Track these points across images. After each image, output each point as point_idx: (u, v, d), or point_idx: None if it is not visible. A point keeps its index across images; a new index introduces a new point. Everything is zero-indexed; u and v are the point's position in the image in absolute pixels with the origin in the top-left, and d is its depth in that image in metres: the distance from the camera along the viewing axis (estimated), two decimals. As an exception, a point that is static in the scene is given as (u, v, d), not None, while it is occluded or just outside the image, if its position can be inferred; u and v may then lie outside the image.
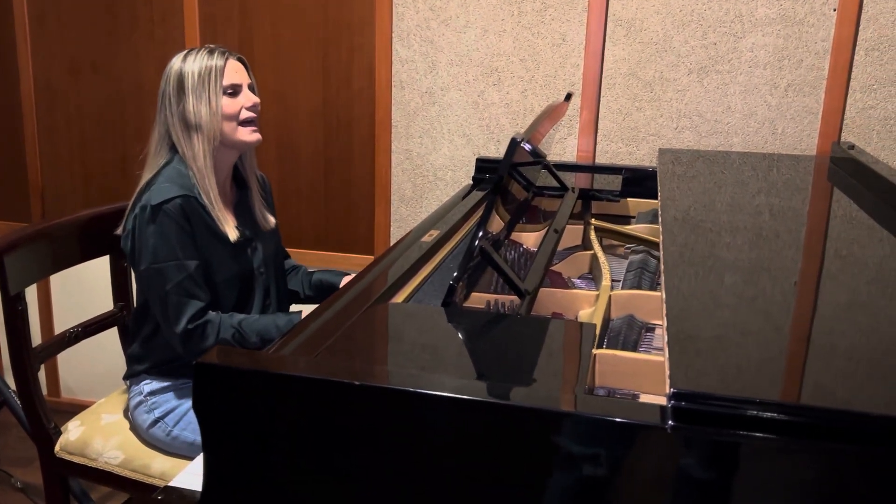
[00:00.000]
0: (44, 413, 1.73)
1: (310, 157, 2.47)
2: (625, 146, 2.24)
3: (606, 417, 0.81)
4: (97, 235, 1.86)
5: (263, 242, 1.81)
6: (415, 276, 1.42)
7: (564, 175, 2.03)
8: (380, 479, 0.89)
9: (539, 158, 1.80)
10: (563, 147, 2.29)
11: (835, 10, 2.04)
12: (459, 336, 1.10)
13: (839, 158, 1.94)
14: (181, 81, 1.64)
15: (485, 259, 1.21)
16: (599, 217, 1.96)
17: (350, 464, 0.90)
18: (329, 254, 2.51)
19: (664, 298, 1.02)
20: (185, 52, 1.67)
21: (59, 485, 1.76)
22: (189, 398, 1.70)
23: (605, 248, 1.75)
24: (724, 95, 2.14)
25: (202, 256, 1.65)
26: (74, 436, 1.74)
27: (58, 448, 1.74)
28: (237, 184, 1.82)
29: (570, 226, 1.80)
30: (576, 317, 1.41)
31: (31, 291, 2.76)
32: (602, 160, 2.27)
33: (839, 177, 1.82)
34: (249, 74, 1.72)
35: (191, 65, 1.64)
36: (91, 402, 1.95)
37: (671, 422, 0.78)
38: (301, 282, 1.94)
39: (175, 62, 1.67)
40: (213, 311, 1.65)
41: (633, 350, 1.23)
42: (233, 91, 1.67)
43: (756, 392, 0.79)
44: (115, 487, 1.76)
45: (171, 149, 1.69)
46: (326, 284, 1.92)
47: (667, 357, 0.87)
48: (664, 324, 0.96)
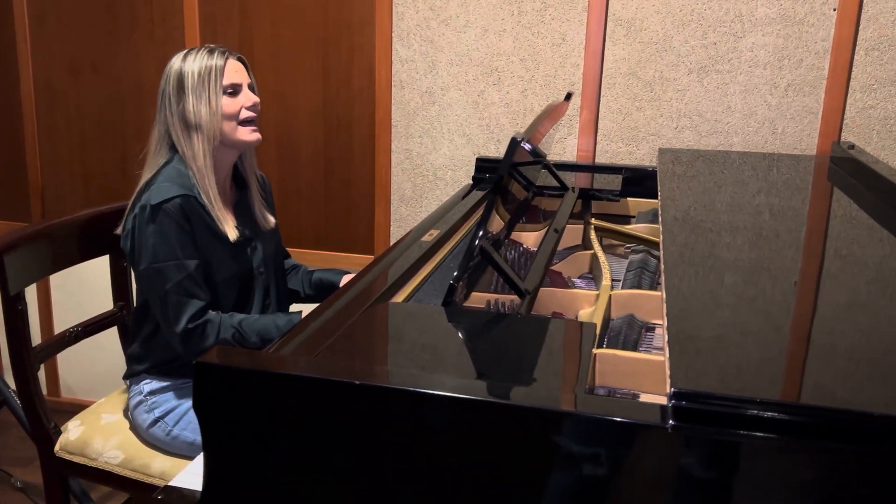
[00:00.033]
0: (44, 413, 1.73)
1: (310, 157, 2.47)
2: (625, 146, 2.24)
3: (607, 417, 0.81)
4: (97, 235, 1.86)
5: (263, 242, 1.80)
6: (415, 276, 1.42)
7: (564, 175, 2.03)
8: (380, 479, 0.89)
9: (539, 158, 1.80)
10: (563, 147, 2.29)
11: (835, 10, 2.04)
12: (460, 336, 1.10)
13: (839, 158, 1.94)
14: (181, 81, 1.64)
15: (485, 258, 1.21)
16: (599, 217, 1.96)
17: (350, 463, 0.90)
18: (329, 253, 2.51)
19: (664, 298, 1.02)
20: (185, 52, 1.67)
21: (59, 484, 1.76)
22: (189, 398, 1.70)
23: (605, 248, 1.75)
24: (724, 95, 2.15)
25: (202, 256, 1.65)
26: (74, 435, 1.74)
27: (58, 448, 1.74)
28: (237, 183, 1.82)
29: (570, 225, 1.80)
30: (576, 316, 1.41)
31: (31, 291, 2.76)
32: (602, 160, 2.27)
33: (839, 176, 1.82)
34: (249, 74, 1.72)
35: (191, 64, 1.64)
36: (91, 402, 1.95)
37: (672, 421, 0.78)
38: (301, 281, 1.95)
39: (175, 62, 1.67)
40: (213, 311, 1.65)
41: (634, 350, 1.23)
42: (233, 91, 1.67)
43: (756, 392, 0.79)
44: (115, 487, 1.76)
45: (171, 148, 1.69)
46: (326, 283, 1.92)
47: (667, 357, 0.87)
48: (664, 323, 0.96)
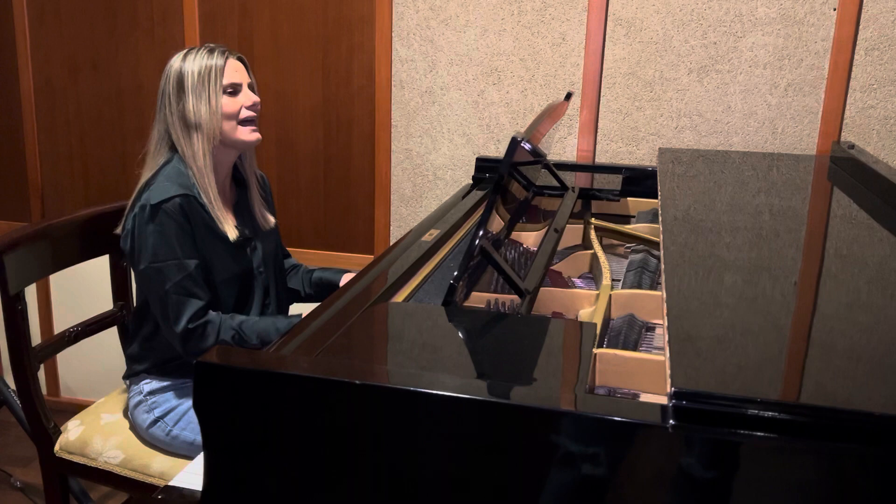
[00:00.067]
0: (43, 412, 1.73)
1: (309, 156, 2.47)
2: (625, 146, 2.24)
3: (607, 417, 0.81)
4: (97, 234, 1.86)
5: (263, 242, 1.80)
6: (415, 276, 1.42)
7: (564, 174, 2.03)
8: (380, 478, 0.89)
9: (539, 158, 1.80)
10: (563, 146, 2.29)
11: (835, 10, 2.04)
12: (460, 335, 1.10)
13: (839, 158, 1.94)
14: (181, 81, 1.64)
15: (485, 258, 1.21)
16: (599, 216, 1.96)
17: (350, 463, 0.90)
18: (329, 253, 2.51)
19: (665, 298, 1.02)
20: (185, 52, 1.67)
21: (59, 484, 1.76)
22: (189, 398, 1.70)
23: (605, 248, 1.75)
24: (724, 95, 2.14)
25: (202, 256, 1.65)
26: (74, 435, 1.74)
27: (57, 447, 1.73)
28: (237, 183, 1.82)
29: (570, 225, 1.80)
30: (576, 316, 1.41)
31: (31, 291, 2.75)
32: (602, 160, 2.27)
33: (839, 176, 1.82)
34: (249, 73, 1.72)
35: (191, 64, 1.64)
36: (91, 402, 1.95)
37: (672, 421, 0.78)
38: (301, 280, 1.94)
39: (175, 61, 1.66)
40: (214, 312, 1.65)
41: (634, 349, 1.23)
42: (233, 90, 1.67)
43: (757, 391, 0.79)
44: (115, 487, 1.76)
45: (171, 148, 1.69)
46: (326, 282, 1.92)
47: (667, 356, 0.87)
48: (665, 323, 0.96)
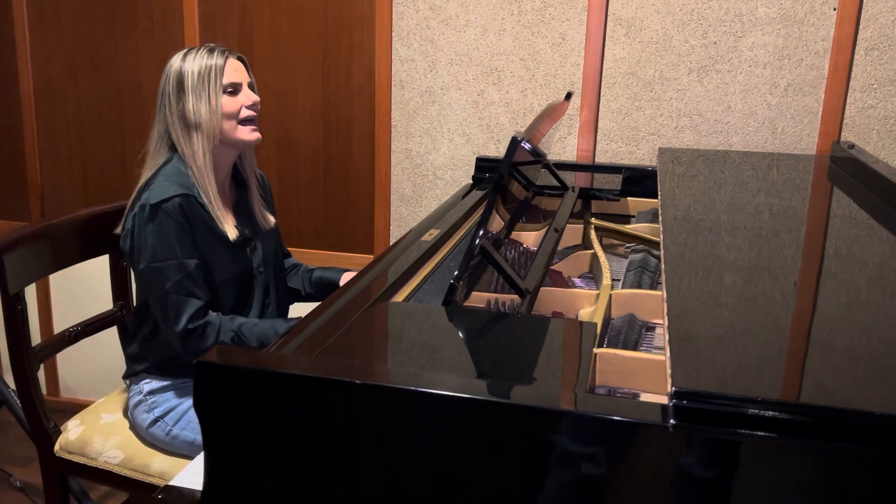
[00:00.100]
0: (43, 412, 1.73)
1: (309, 156, 2.47)
2: (625, 145, 2.24)
3: (608, 416, 0.81)
4: (97, 234, 1.86)
5: (263, 242, 1.80)
6: (415, 276, 1.42)
7: (564, 174, 2.03)
8: (380, 478, 0.89)
9: (539, 158, 1.80)
10: (563, 146, 2.29)
11: (835, 10, 2.04)
12: (460, 335, 1.10)
13: (839, 158, 1.94)
14: (181, 80, 1.64)
15: (485, 258, 1.21)
16: (599, 216, 1.96)
17: (351, 462, 0.90)
18: (329, 253, 2.51)
19: (665, 298, 1.02)
20: (185, 51, 1.67)
21: (59, 484, 1.76)
22: (189, 397, 1.70)
23: (605, 248, 1.75)
24: (724, 95, 2.14)
25: (201, 255, 1.65)
26: (74, 435, 1.74)
27: (57, 447, 1.73)
28: (236, 183, 1.82)
29: (571, 225, 1.80)
30: (576, 316, 1.41)
31: (31, 290, 2.75)
32: (602, 159, 2.27)
33: (839, 176, 1.82)
34: (249, 73, 1.72)
35: (190, 64, 1.64)
36: (90, 402, 1.94)
37: (672, 420, 0.78)
38: (301, 280, 1.94)
39: (175, 61, 1.66)
40: (214, 312, 1.65)
41: (634, 349, 1.23)
42: (233, 90, 1.67)
43: (757, 391, 0.79)
44: (115, 487, 1.76)
45: (171, 148, 1.69)
46: (326, 281, 1.92)
47: (668, 356, 0.87)
48: (665, 323, 0.96)
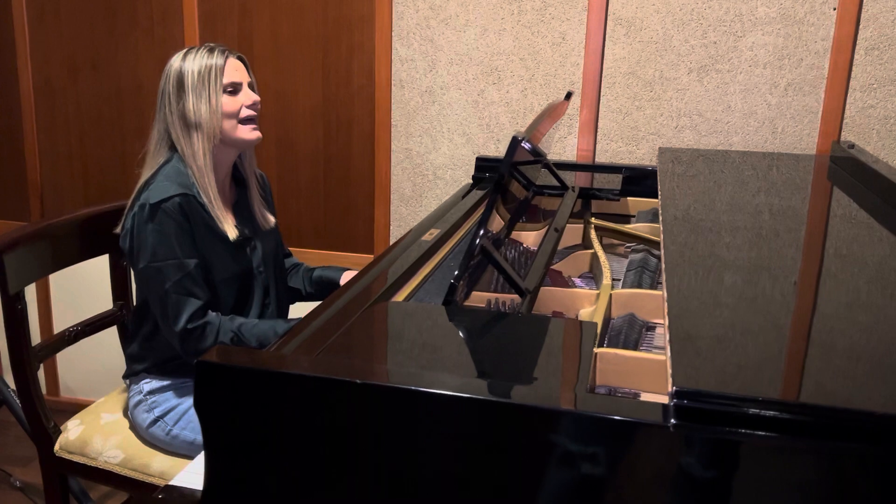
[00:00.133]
0: (43, 412, 1.73)
1: (309, 156, 2.47)
2: (625, 145, 2.24)
3: (609, 416, 0.81)
4: (96, 234, 1.86)
5: (263, 241, 1.80)
6: (415, 275, 1.42)
7: (564, 174, 2.03)
8: (380, 478, 0.89)
9: (539, 157, 1.80)
10: (563, 146, 2.29)
11: (835, 10, 2.04)
12: (460, 335, 1.10)
13: (839, 157, 1.94)
14: (181, 80, 1.64)
15: (486, 257, 1.21)
16: (599, 216, 1.96)
17: (351, 462, 0.90)
18: (329, 253, 2.51)
19: (666, 297, 1.02)
20: (185, 51, 1.67)
21: (59, 484, 1.76)
22: (189, 397, 1.70)
23: (606, 247, 1.75)
24: (724, 94, 2.15)
25: (201, 255, 1.65)
26: (74, 435, 1.74)
27: (57, 447, 1.73)
28: (236, 182, 1.82)
29: (571, 225, 1.80)
30: (577, 315, 1.41)
31: (31, 290, 2.75)
32: (602, 159, 2.27)
33: (839, 176, 1.82)
34: (249, 73, 1.72)
35: (191, 63, 1.64)
36: (90, 402, 1.94)
37: (673, 420, 0.78)
38: (302, 279, 1.94)
39: (175, 61, 1.66)
40: (214, 312, 1.65)
41: (634, 349, 1.23)
42: (233, 90, 1.67)
43: (757, 390, 0.79)
44: (115, 486, 1.76)
45: (171, 147, 1.69)
46: (327, 281, 1.92)
47: (669, 356, 0.87)
48: (666, 322, 0.96)
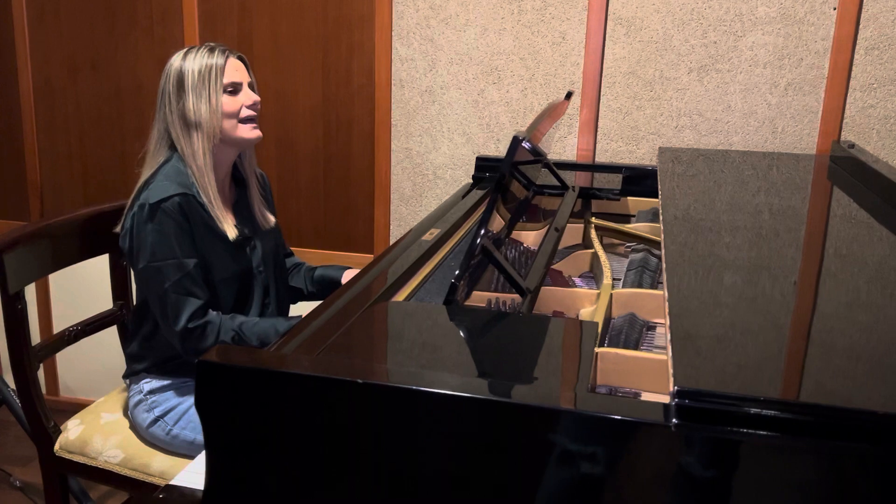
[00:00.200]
0: (43, 412, 1.72)
1: (309, 155, 2.47)
2: (625, 145, 2.24)
3: (610, 415, 0.81)
4: (96, 234, 1.86)
5: (263, 241, 1.80)
6: (415, 275, 1.42)
7: (565, 174, 2.03)
8: (381, 477, 0.89)
9: (539, 157, 1.80)
10: (564, 146, 2.29)
11: (835, 9, 2.04)
12: (461, 334, 1.10)
13: (839, 157, 1.94)
14: (181, 79, 1.64)
15: (486, 257, 1.21)
16: (600, 216, 1.96)
17: (351, 461, 0.90)
18: (328, 252, 2.51)
19: (667, 297, 1.02)
20: (186, 50, 1.67)
21: (59, 484, 1.76)
22: (189, 397, 1.70)
23: (606, 247, 1.75)
24: (724, 94, 2.15)
25: (201, 255, 1.65)
26: (74, 434, 1.74)
27: (57, 447, 1.73)
28: (236, 182, 1.82)
29: (571, 224, 1.80)
30: (577, 315, 1.41)
31: (31, 290, 2.75)
32: (602, 159, 2.27)
33: (839, 175, 1.82)
34: (249, 73, 1.72)
35: (191, 63, 1.64)
36: (90, 401, 1.94)
37: (675, 420, 0.78)
38: (303, 279, 1.94)
39: (175, 60, 1.66)
40: (214, 312, 1.65)
41: (635, 348, 1.23)
42: (233, 89, 1.67)
43: (758, 390, 0.79)
44: (115, 486, 1.76)
45: (171, 147, 1.69)
46: (328, 280, 1.92)
47: (670, 355, 0.87)
48: (667, 322, 0.96)
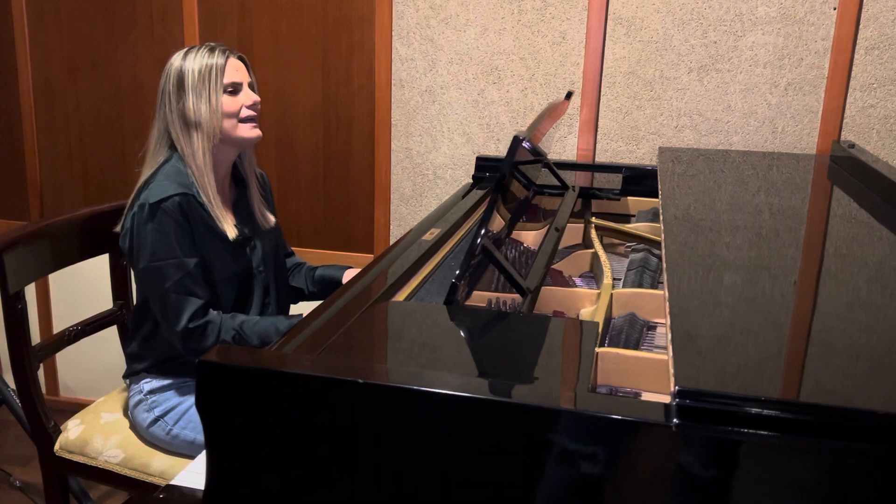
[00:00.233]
0: (43, 412, 1.72)
1: (309, 155, 2.47)
2: (625, 145, 2.24)
3: (611, 415, 0.81)
4: (96, 233, 1.86)
5: (263, 241, 1.80)
6: (416, 275, 1.42)
7: (565, 174, 2.03)
8: (381, 477, 0.89)
9: (540, 157, 1.80)
10: (564, 146, 2.29)
11: (835, 9, 2.04)
12: (461, 334, 1.10)
13: (839, 157, 1.94)
14: (181, 79, 1.64)
15: (487, 257, 1.21)
16: (600, 215, 1.96)
17: (352, 461, 0.90)
18: (328, 252, 2.51)
19: (667, 297, 1.02)
20: (186, 50, 1.67)
21: (59, 483, 1.76)
22: (189, 396, 1.70)
23: (606, 247, 1.75)
24: (725, 94, 2.15)
25: (201, 255, 1.65)
26: (74, 434, 1.74)
27: (57, 447, 1.73)
28: (236, 182, 1.82)
29: (571, 224, 1.80)
30: (577, 315, 1.41)
31: (31, 290, 2.75)
32: (602, 159, 2.27)
33: (839, 175, 1.82)
34: (250, 73, 1.72)
35: (191, 63, 1.64)
36: (90, 401, 1.94)
37: (675, 420, 0.78)
38: (304, 278, 1.94)
39: (175, 60, 1.66)
40: (215, 311, 1.65)
41: (635, 348, 1.24)
42: (233, 89, 1.67)
43: (759, 390, 0.79)
44: (115, 486, 1.76)
45: (171, 147, 1.69)
46: (329, 279, 1.92)
47: (670, 355, 0.87)
48: (667, 322, 0.96)
